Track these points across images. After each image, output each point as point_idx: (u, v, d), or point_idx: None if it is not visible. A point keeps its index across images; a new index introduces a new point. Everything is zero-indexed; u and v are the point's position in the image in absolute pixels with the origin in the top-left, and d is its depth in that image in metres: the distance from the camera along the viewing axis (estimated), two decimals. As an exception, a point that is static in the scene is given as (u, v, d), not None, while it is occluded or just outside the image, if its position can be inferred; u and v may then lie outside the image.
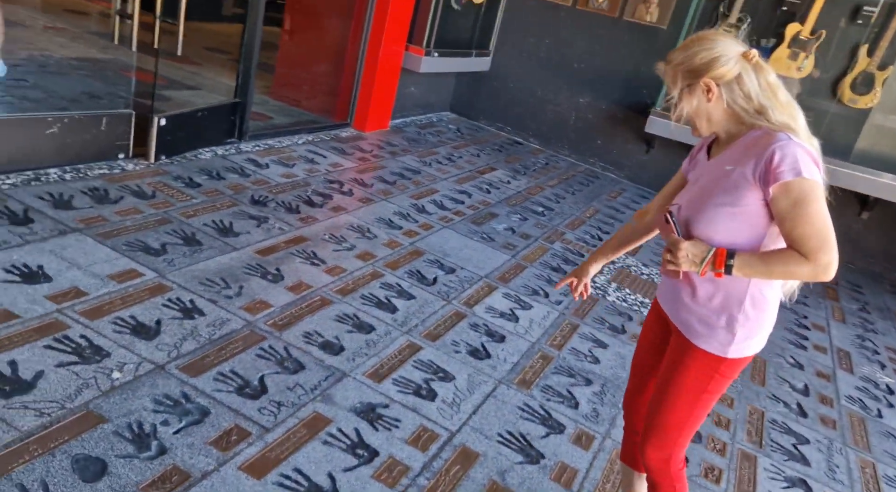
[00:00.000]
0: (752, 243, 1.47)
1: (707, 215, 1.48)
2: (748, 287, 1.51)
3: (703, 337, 1.57)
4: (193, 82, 5.39)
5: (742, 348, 1.57)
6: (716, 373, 1.59)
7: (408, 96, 6.40)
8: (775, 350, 3.73)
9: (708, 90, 1.48)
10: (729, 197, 1.46)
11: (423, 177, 4.90)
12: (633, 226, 1.88)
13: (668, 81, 1.55)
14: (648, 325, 1.83)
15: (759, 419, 3.00)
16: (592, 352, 3.15)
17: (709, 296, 1.55)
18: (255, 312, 2.60)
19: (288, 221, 3.48)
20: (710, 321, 1.56)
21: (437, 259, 3.61)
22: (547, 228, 4.64)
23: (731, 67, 1.47)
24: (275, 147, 4.54)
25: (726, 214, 1.46)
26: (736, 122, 1.52)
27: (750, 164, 1.43)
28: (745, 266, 1.42)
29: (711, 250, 1.44)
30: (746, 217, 1.45)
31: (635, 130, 6.40)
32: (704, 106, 1.50)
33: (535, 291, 3.60)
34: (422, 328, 2.89)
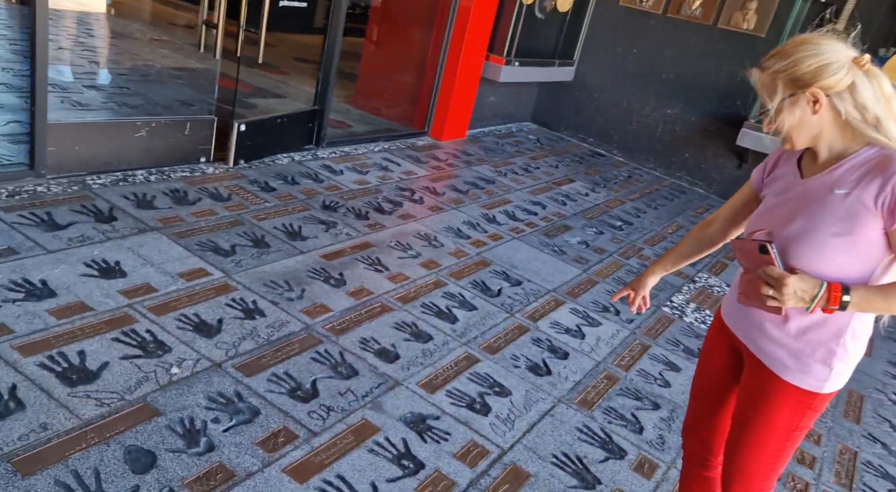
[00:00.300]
0: (863, 275, 1.35)
1: (816, 245, 1.34)
2: (851, 320, 1.39)
3: (795, 372, 1.44)
4: (280, 91, 5.59)
5: (837, 382, 1.46)
6: (808, 409, 1.47)
7: (487, 106, 6.37)
8: (875, 385, 3.40)
9: (815, 101, 1.33)
10: (843, 226, 1.32)
11: (496, 187, 4.83)
12: (696, 237, 1.75)
13: (763, 91, 1.38)
14: (713, 348, 1.68)
15: (850, 460, 2.72)
16: (663, 375, 2.97)
17: (803, 328, 1.41)
18: (315, 316, 2.62)
19: (356, 227, 3.51)
20: (804, 356, 1.43)
21: (503, 270, 3.54)
22: (624, 242, 4.46)
23: (843, 76, 1.31)
24: (350, 154, 4.62)
25: (840, 245, 1.32)
26: (846, 137, 1.36)
27: (871, 189, 1.29)
28: (863, 302, 1.30)
29: (823, 286, 1.30)
30: (862, 248, 1.32)
31: (727, 143, 6.07)
32: (809, 119, 1.35)
33: (606, 308, 3.45)
34: (481, 340, 2.82)
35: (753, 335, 1.50)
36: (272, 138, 4.02)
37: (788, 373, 1.44)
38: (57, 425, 1.82)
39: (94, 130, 3.22)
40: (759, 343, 1.49)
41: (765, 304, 1.35)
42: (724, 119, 6.15)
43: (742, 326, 1.54)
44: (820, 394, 1.45)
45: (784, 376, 1.45)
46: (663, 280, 4.01)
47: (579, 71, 6.86)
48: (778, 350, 1.45)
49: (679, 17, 6.25)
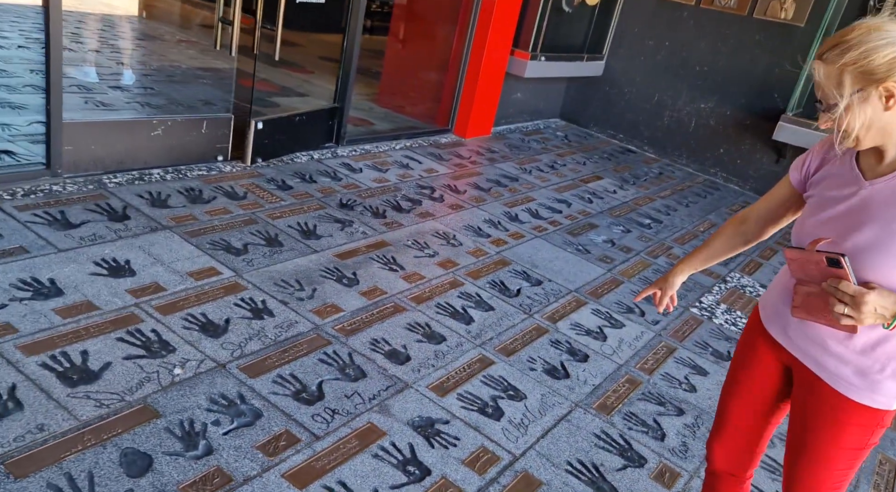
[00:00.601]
0: None
1: (894, 257, 1.22)
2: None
3: (863, 391, 1.34)
4: (304, 89, 5.58)
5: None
6: (878, 426, 1.38)
7: (513, 102, 6.26)
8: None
9: (889, 97, 1.19)
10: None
11: (520, 184, 4.73)
12: (729, 234, 1.63)
13: (827, 86, 1.24)
14: (750, 357, 1.54)
15: (891, 472, 2.55)
16: (689, 379, 2.83)
17: (871, 343, 1.31)
18: (325, 316, 2.56)
19: (372, 226, 3.45)
20: (872, 372, 1.32)
21: (523, 270, 3.43)
22: (652, 241, 4.31)
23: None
24: (371, 152, 4.57)
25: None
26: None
27: None
28: None
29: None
30: None
31: (764, 138, 5.84)
32: (880, 116, 1.21)
33: (630, 309, 3.32)
34: (497, 342, 2.73)
35: (812, 352, 1.38)
36: (291, 136, 3.99)
37: (855, 392, 1.34)
38: (54, 426, 1.79)
39: (110, 128, 3.23)
40: (820, 360, 1.38)
41: (832, 320, 1.25)
42: (761, 113, 5.92)
43: (797, 340, 1.41)
44: (891, 410, 1.35)
45: (850, 396, 1.35)
46: (692, 279, 3.86)
47: (609, 65, 6.69)
48: (843, 368, 1.35)
49: (713, 8, 6.04)
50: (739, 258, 4.38)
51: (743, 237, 1.62)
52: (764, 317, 1.50)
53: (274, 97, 5.29)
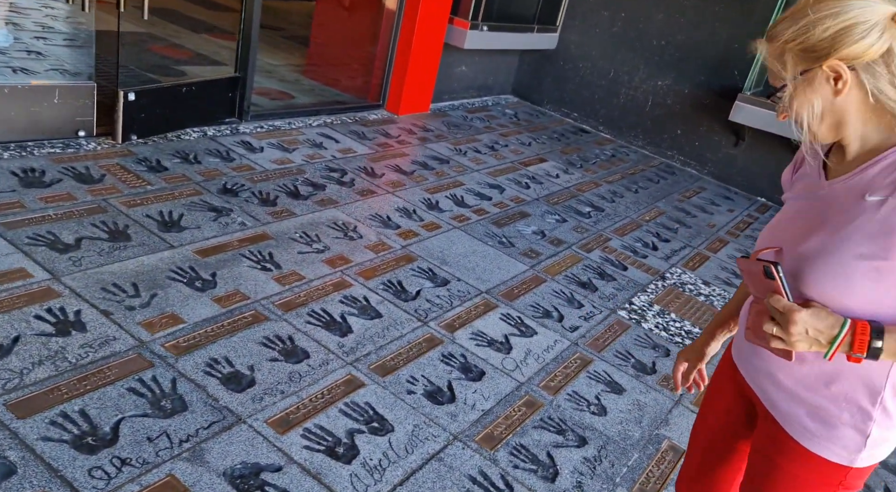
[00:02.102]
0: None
1: (838, 271, 1.00)
2: (890, 369, 1.04)
3: (818, 439, 1.10)
4: (221, 58, 5.06)
5: (875, 454, 1.10)
6: (839, 486, 1.13)
7: (458, 77, 5.80)
8: None
9: (836, 78, 0.99)
10: (876, 245, 0.97)
11: (450, 167, 4.29)
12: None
13: (772, 66, 1.05)
14: (719, 388, 1.34)
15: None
16: (600, 399, 2.46)
17: (826, 379, 1.07)
18: (156, 330, 2.13)
19: (255, 215, 3.00)
20: (829, 416, 1.09)
21: (429, 268, 3.02)
22: (589, 232, 3.92)
23: (875, 41, 0.96)
24: (281, 129, 4.09)
25: (871, 271, 0.98)
26: (882, 124, 1.02)
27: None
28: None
29: (846, 326, 0.97)
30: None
31: (723, 119, 5.45)
32: (830, 102, 1.01)
33: (547, 313, 2.93)
34: (374, 358, 2.32)
35: (764, 385, 1.17)
36: (177, 110, 3.51)
37: (809, 439, 1.11)
38: None
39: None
40: (771, 396, 1.16)
41: (769, 343, 1.03)
42: (720, 91, 5.53)
43: (751, 370, 1.20)
44: (853, 468, 1.10)
45: (804, 443, 1.11)
46: (626, 278, 3.48)
47: (563, 39, 6.23)
48: (795, 407, 1.12)
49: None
50: (684, 251, 4.02)
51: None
52: (734, 348, 1.29)
53: (183, 65, 4.78)
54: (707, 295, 3.52)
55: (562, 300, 3.07)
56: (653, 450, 2.27)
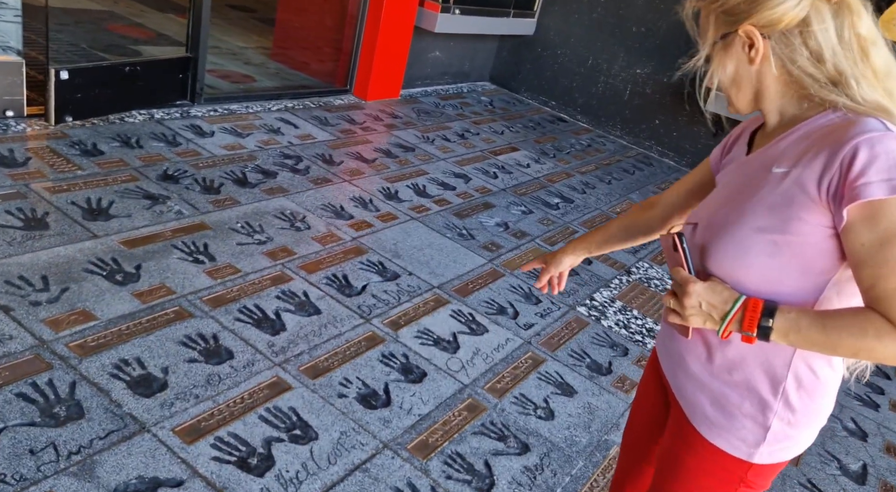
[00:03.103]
0: (805, 294, 0.94)
1: (736, 244, 0.96)
2: (792, 357, 0.99)
3: (719, 429, 1.05)
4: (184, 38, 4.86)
5: (776, 451, 1.04)
6: (740, 484, 1.07)
7: (432, 62, 5.62)
8: (829, 411, 2.74)
9: (750, 45, 0.96)
10: (775, 218, 0.93)
11: (415, 155, 4.13)
12: (630, 220, 1.38)
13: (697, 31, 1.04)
14: (645, 385, 1.29)
15: (777, 523, 2.10)
16: (548, 402, 2.33)
17: (728, 365, 1.03)
18: (62, 328, 1.97)
19: (195, 203, 2.84)
20: (730, 405, 1.03)
21: (380, 261, 2.87)
22: (554, 225, 3.78)
23: (792, 7, 0.92)
24: (237, 113, 3.91)
25: (768, 245, 0.94)
26: (795, 97, 0.98)
27: (814, 167, 0.90)
28: (791, 331, 0.90)
29: (739, 301, 0.93)
30: (799, 252, 0.93)
31: (702, 109, 5.31)
32: (746, 70, 0.98)
33: (502, 310, 2.79)
34: (306, 358, 2.17)
35: (675, 371, 1.12)
36: (121, 91, 3.32)
37: (709, 428, 1.06)
38: None
39: None
40: (679, 382, 1.11)
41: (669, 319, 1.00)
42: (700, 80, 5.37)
43: (665, 355, 1.16)
44: (753, 464, 1.04)
45: (705, 433, 1.06)
46: (589, 273, 3.34)
47: (542, 24, 6.06)
48: (699, 394, 1.07)
49: (652, -38, 5.44)
50: (653, 244, 3.88)
51: (645, 225, 1.34)
52: (657, 336, 1.25)
53: (141, 45, 4.58)
54: (674, 291, 3.39)
55: (519, 296, 2.93)
56: (599, 457, 2.14)
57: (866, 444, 2.62)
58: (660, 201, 1.32)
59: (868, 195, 0.84)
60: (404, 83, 5.22)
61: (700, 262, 1.01)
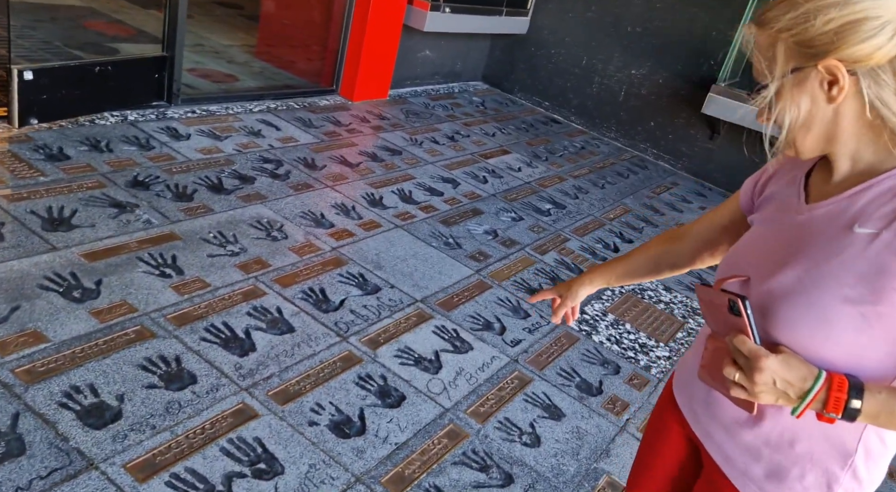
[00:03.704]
0: (887, 368, 0.85)
1: (818, 315, 0.85)
2: (863, 430, 0.91)
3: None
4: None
5: None
6: None
7: (422, 62, 5.48)
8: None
9: (832, 82, 0.83)
10: (864, 288, 0.82)
11: (402, 159, 3.99)
12: (657, 252, 1.27)
13: (758, 58, 0.88)
14: (660, 425, 1.19)
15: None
16: (535, 426, 2.20)
17: (790, 437, 0.93)
18: (8, 351, 1.82)
19: (165, 212, 2.69)
20: (789, 478, 0.94)
21: (360, 273, 2.73)
22: (545, 232, 3.64)
23: (885, 41, 0.80)
24: (216, 114, 3.77)
25: (856, 318, 0.83)
26: (880, 143, 0.86)
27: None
28: (883, 412, 0.81)
29: (821, 379, 0.82)
30: (888, 325, 0.82)
31: (699, 111, 5.18)
32: (821, 110, 0.85)
33: (488, 325, 2.66)
34: (276, 382, 2.04)
35: (718, 437, 1.02)
36: (91, 92, 3.17)
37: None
38: None
39: None
40: (725, 450, 1.01)
41: (728, 391, 0.89)
42: (697, 82, 5.25)
43: (699, 414, 1.06)
44: None
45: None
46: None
47: (535, 23, 5.92)
48: (753, 466, 0.98)
49: (648, -40, 5.30)
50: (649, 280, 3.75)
51: (671, 258, 1.24)
52: (676, 379, 1.16)
53: (119, 43, 4.43)
54: (668, 302, 3.27)
55: (506, 309, 2.80)
56: (588, 488, 2.02)
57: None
58: (688, 233, 1.22)
59: None
60: (393, 83, 5.08)
61: (761, 327, 0.89)
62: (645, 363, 2.72)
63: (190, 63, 4.59)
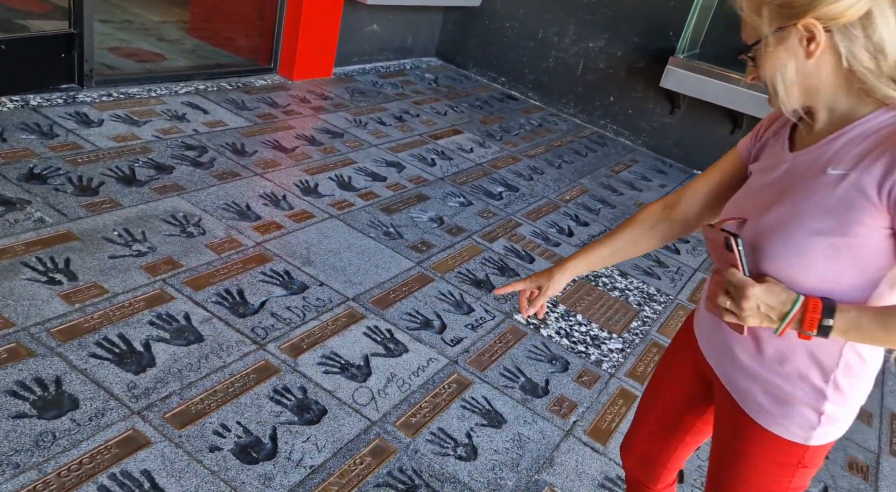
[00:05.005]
0: (859, 290, 0.97)
1: (794, 246, 0.97)
2: (843, 348, 1.02)
3: (774, 417, 1.08)
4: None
5: (829, 432, 1.09)
6: (798, 465, 1.11)
7: (370, 37, 5.18)
8: None
9: (810, 39, 0.94)
10: (833, 221, 0.94)
11: (343, 142, 3.74)
12: (646, 223, 1.28)
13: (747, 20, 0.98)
14: (675, 358, 1.33)
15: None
16: (472, 436, 2.01)
17: (780, 357, 1.05)
18: None
19: (63, 208, 2.42)
20: (784, 394, 1.06)
21: (286, 270, 2.50)
22: (497, 217, 3.44)
23: (855, 1, 0.90)
24: (135, 97, 3.46)
25: (827, 248, 0.95)
26: (852, 93, 0.96)
27: (874, 170, 0.91)
28: (851, 329, 0.93)
29: (798, 302, 0.94)
30: (858, 253, 0.94)
31: (657, 85, 4.99)
32: (802, 65, 0.95)
33: (427, 323, 2.46)
34: (175, 401, 1.81)
35: (723, 362, 1.15)
36: (-16, 75, 2.86)
37: (766, 418, 1.10)
38: None
39: None
40: (728, 373, 1.14)
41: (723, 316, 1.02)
42: (655, 54, 5.05)
43: (711, 345, 1.19)
44: (810, 447, 1.09)
45: (760, 422, 1.10)
46: (532, 272, 3.02)
47: (488, -6, 5.65)
48: (751, 385, 1.10)
49: (603, -74, 5.06)
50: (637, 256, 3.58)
51: (679, 225, 1.26)
52: (696, 316, 1.28)
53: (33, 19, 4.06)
54: (623, 289, 3.10)
55: (448, 304, 2.60)
56: (528, 505, 1.84)
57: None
58: (683, 199, 1.25)
59: None
60: (338, 61, 4.79)
61: (752, 260, 1.02)
62: (596, 358, 2.55)
63: (114, 41, 4.25)
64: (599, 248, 1.29)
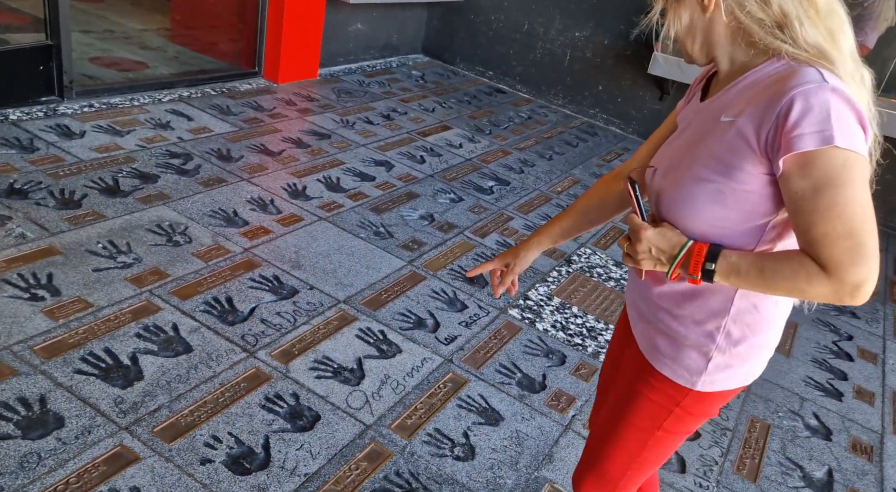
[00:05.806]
0: (747, 237, 0.99)
1: (684, 191, 1.01)
2: (734, 295, 1.05)
3: (665, 359, 1.12)
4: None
5: (717, 380, 1.11)
6: (675, 407, 1.14)
7: (355, 35, 5.14)
8: (789, 402, 2.46)
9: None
10: (720, 166, 0.97)
11: (331, 143, 3.70)
12: (603, 191, 1.31)
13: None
14: (618, 325, 1.37)
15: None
16: (469, 436, 1.98)
17: (677, 301, 1.10)
18: None
19: (45, 223, 2.38)
20: (678, 337, 1.10)
21: (275, 275, 2.46)
22: (487, 212, 3.40)
23: None
24: (118, 107, 3.42)
25: (713, 193, 0.98)
26: (744, 44, 1.00)
27: (755, 118, 0.93)
28: (732, 273, 0.96)
29: (685, 246, 0.99)
30: (742, 199, 0.97)
31: (645, 72, 4.95)
32: (699, 18, 1.02)
33: (420, 322, 2.42)
34: (164, 415, 1.77)
35: (633, 307, 1.21)
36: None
37: (658, 359, 1.13)
38: None
39: None
40: (635, 317, 1.20)
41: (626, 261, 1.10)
42: (642, 41, 5.01)
43: (629, 293, 1.24)
44: (692, 391, 1.12)
45: (654, 363, 1.14)
46: (523, 267, 2.99)
47: (471, -12, 5.60)
48: (650, 327, 1.15)
49: (584, -86, 5.02)
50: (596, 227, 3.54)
51: (619, 194, 1.27)
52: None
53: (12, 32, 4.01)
54: (618, 279, 3.06)
55: (441, 302, 2.57)
56: (529, 503, 1.81)
57: (831, 444, 2.34)
58: (629, 165, 1.28)
59: (801, 147, 0.88)
60: (323, 61, 4.75)
61: (657, 208, 1.06)
62: (593, 350, 2.52)
63: (96, 51, 4.21)
64: (560, 221, 1.34)
